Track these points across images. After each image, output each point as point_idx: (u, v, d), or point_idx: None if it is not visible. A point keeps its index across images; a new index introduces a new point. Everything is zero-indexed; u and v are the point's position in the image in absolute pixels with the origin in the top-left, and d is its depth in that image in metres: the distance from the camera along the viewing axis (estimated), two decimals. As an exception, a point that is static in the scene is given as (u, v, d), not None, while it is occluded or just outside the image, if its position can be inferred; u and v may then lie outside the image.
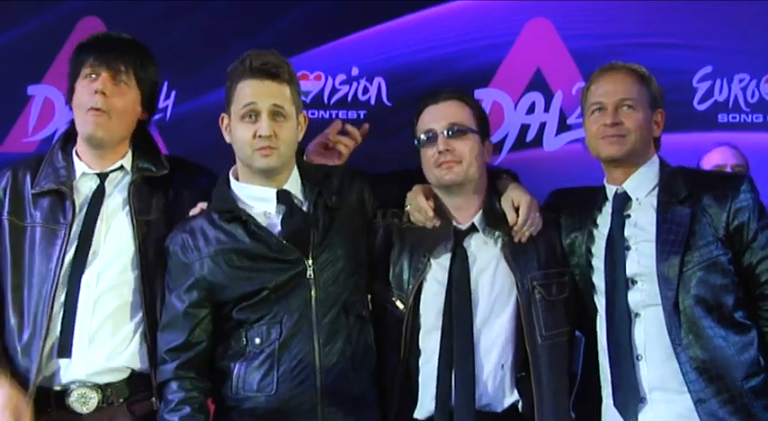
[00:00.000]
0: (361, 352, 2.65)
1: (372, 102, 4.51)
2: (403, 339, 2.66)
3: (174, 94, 4.60)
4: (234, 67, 2.61)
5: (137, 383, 2.68)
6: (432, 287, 2.70)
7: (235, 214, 2.62)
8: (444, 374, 2.62)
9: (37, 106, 4.59)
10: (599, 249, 2.71)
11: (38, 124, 4.59)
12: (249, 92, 2.56)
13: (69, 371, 2.65)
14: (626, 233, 2.68)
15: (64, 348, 2.63)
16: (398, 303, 2.69)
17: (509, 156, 4.24)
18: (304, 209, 2.65)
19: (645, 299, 2.63)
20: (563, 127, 4.44)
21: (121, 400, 2.66)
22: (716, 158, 3.87)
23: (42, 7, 4.58)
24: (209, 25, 4.43)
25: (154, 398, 2.65)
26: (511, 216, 2.71)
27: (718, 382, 2.58)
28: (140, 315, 2.68)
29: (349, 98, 4.42)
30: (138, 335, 2.69)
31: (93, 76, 2.65)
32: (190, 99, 4.42)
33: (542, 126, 4.43)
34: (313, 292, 2.59)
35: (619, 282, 2.66)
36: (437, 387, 2.63)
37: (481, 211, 2.73)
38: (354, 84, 4.54)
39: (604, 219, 2.74)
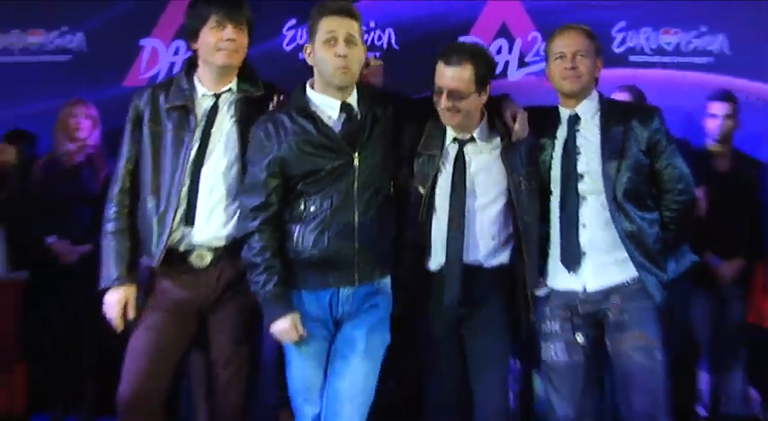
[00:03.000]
0: (385, 221, 2.86)
1: (385, 46, 5.04)
2: (420, 213, 2.88)
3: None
4: (317, 9, 2.79)
5: (238, 247, 2.83)
6: (443, 178, 2.92)
7: (308, 112, 2.77)
8: (452, 237, 2.85)
9: (146, 54, 5.17)
10: (557, 153, 2.99)
11: (147, 67, 5.17)
12: (330, 24, 2.75)
13: (191, 236, 2.83)
14: (577, 142, 2.96)
15: (189, 219, 2.81)
16: (420, 188, 2.92)
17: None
18: (358, 117, 2.81)
19: (590, 188, 2.93)
20: (521, 64, 4.98)
21: (227, 260, 2.84)
22: (619, 98, 3.95)
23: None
24: None
25: None
26: (510, 123, 2.90)
27: (639, 245, 2.90)
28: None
29: (368, 44, 4.48)
30: (238, 213, 2.83)
31: (221, 27, 2.80)
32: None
33: (507, 63, 4.99)
34: (356, 177, 2.80)
35: (572, 175, 2.93)
36: (446, 246, 2.85)
37: (479, 128, 2.90)
38: (372, 33, 5.02)
39: (561, 133, 3.00)
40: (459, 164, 2.89)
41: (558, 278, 2.97)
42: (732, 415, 4.31)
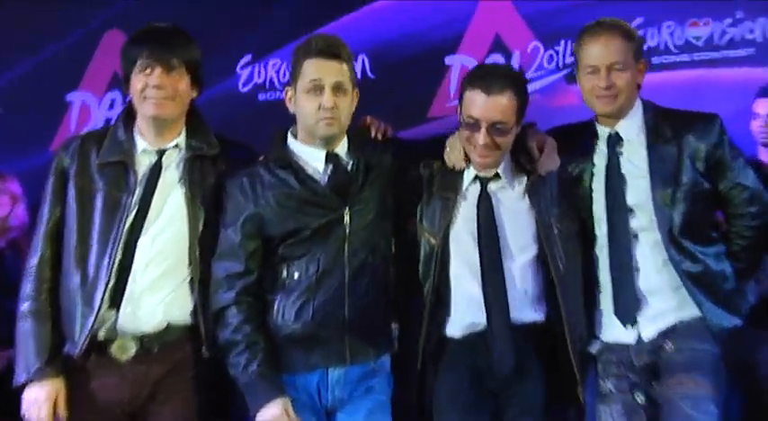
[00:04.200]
0: (382, 288, 2.71)
1: (358, 75, 4.12)
2: (433, 269, 2.69)
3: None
4: (301, 47, 2.67)
5: (174, 334, 2.69)
6: (459, 224, 2.72)
7: (289, 163, 2.67)
8: (491, 292, 2.65)
9: (76, 110, 4.85)
10: (598, 182, 2.77)
11: (78, 126, 4.85)
12: (315, 69, 2.61)
13: (116, 322, 2.66)
14: (622, 169, 2.74)
15: (114, 300, 2.64)
16: (431, 239, 2.71)
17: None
18: (348, 168, 2.70)
19: (642, 224, 2.72)
20: None
21: (157, 350, 2.67)
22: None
23: (69, 24, 4.84)
24: (209, 29, 4.28)
25: (204, 347, 2.67)
26: (536, 154, 2.74)
27: (706, 287, 2.72)
28: (186, 275, 2.69)
29: None
30: (180, 292, 2.70)
31: (148, 70, 2.65)
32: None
33: None
34: (347, 236, 2.65)
35: (620, 210, 2.73)
36: (485, 304, 2.65)
37: (503, 163, 2.74)
38: None
39: (600, 157, 2.78)
40: (485, 205, 2.70)
41: (610, 330, 2.77)
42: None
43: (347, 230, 2.66)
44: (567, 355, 2.66)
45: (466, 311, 2.68)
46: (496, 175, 2.74)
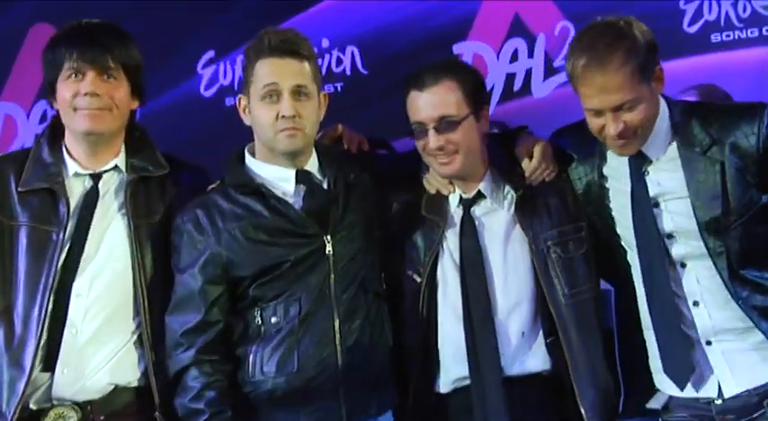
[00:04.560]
0: (378, 329, 2.65)
1: (348, 72, 4.47)
2: (419, 311, 2.66)
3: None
4: (251, 46, 2.58)
5: (122, 399, 2.60)
6: (447, 258, 2.69)
7: (253, 187, 2.58)
8: (470, 345, 2.62)
9: None
10: (620, 205, 2.65)
11: (2, 144, 4.58)
12: (270, 71, 2.53)
13: (51, 387, 2.57)
14: (651, 192, 2.60)
15: (49, 362, 2.54)
16: (415, 276, 2.68)
17: (498, 108, 4.07)
18: (324, 187, 2.63)
19: (690, 251, 2.58)
20: (550, 71, 4.30)
21: (102, 419, 2.58)
22: None
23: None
24: (161, 22, 4.34)
25: (157, 413, 2.58)
26: (525, 163, 2.70)
27: None
28: (134, 326, 2.61)
29: (323, 71, 4.23)
30: (129, 347, 2.62)
31: (79, 75, 2.56)
32: (150, 99, 4.47)
33: (528, 73, 4.33)
34: (332, 269, 2.58)
35: (652, 240, 2.59)
36: (468, 357, 2.61)
37: (485, 179, 2.71)
38: (327, 56, 4.48)
39: (614, 172, 2.66)
40: (469, 232, 2.66)
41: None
42: None
43: (330, 262, 2.60)
44: (578, 412, 2.59)
45: (452, 363, 2.66)
46: (480, 195, 2.70)
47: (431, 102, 2.61)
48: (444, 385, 2.68)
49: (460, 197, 2.72)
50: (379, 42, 4.45)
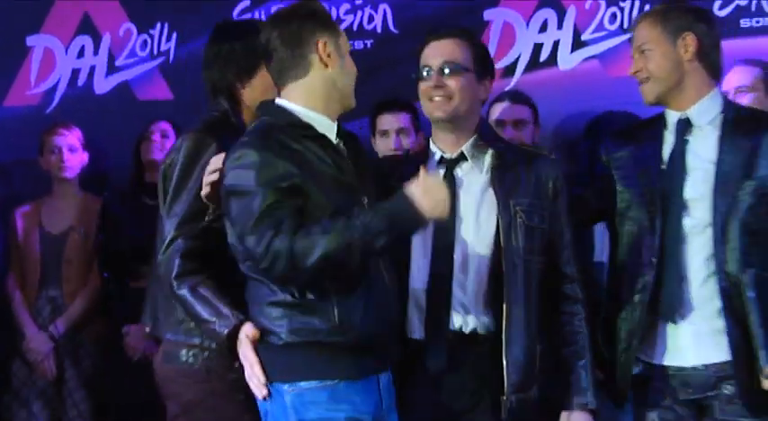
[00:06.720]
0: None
1: (379, 30, 4.41)
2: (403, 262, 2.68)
3: (175, 36, 4.53)
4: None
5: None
6: None
7: (315, 133, 2.48)
8: (431, 296, 2.65)
9: (37, 57, 4.57)
10: (659, 171, 2.74)
11: (39, 76, 4.57)
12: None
13: None
14: (686, 159, 2.71)
15: None
16: None
17: (523, 77, 4.08)
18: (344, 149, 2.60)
19: (696, 223, 2.66)
20: (578, 43, 4.28)
21: None
22: (735, 80, 3.58)
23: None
24: None
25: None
26: None
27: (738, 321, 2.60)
28: None
29: (354, 27, 4.30)
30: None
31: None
32: (190, 40, 4.34)
33: (556, 44, 4.29)
34: None
35: (677, 205, 2.69)
36: (427, 309, 2.65)
37: (471, 139, 2.75)
38: (359, 12, 4.43)
39: (666, 146, 2.76)
40: (448, 186, 2.59)
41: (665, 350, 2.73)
42: None
43: None
44: (500, 373, 2.61)
45: (414, 313, 2.70)
46: (462, 157, 2.74)
47: (439, 48, 2.74)
48: (416, 332, 2.70)
49: (441, 157, 2.75)
50: (412, 3, 4.39)
